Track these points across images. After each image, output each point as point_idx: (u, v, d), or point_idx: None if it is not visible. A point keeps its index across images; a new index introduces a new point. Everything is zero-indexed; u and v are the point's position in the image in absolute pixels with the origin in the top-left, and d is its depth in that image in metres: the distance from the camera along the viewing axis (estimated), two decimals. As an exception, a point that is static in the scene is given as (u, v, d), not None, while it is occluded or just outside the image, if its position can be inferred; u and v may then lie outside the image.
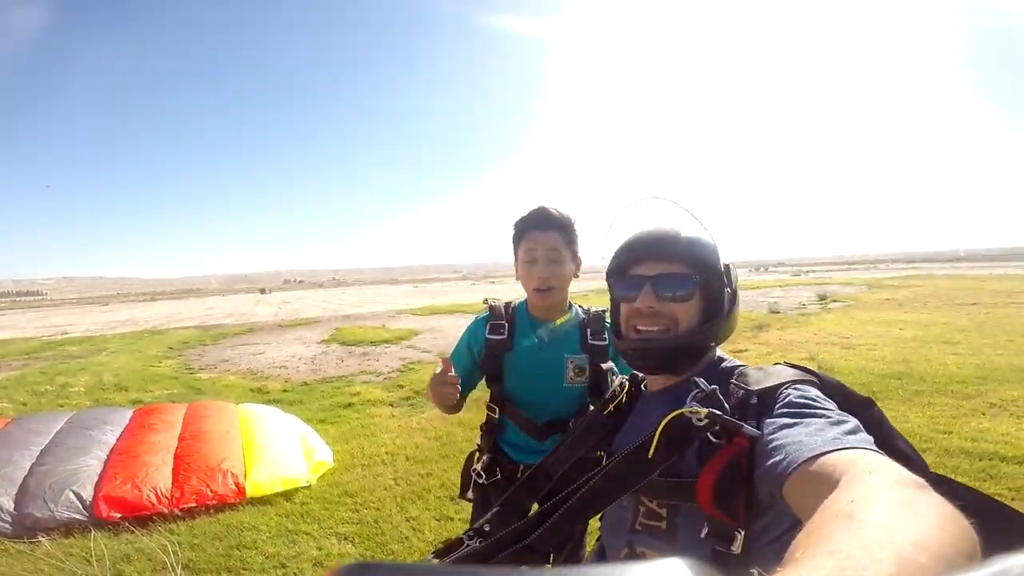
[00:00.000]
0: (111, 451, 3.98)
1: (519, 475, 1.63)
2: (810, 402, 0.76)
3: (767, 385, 0.81)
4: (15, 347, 15.32)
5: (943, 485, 0.79)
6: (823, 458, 0.61)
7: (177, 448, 4.04)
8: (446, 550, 1.11)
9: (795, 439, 0.68)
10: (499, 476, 1.68)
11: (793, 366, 0.88)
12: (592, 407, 1.59)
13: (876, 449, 0.62)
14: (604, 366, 1.61)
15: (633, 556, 0.94)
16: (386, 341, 12.19)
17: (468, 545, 1.05)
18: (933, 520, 0.39)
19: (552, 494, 1.12)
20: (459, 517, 3.18)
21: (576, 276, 1.68)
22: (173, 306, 47.08)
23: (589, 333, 1.65)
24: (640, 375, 1.09)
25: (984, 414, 4.77)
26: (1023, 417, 4.65)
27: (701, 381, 0.84)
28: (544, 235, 1.58)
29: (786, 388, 0.80)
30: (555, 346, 1.65)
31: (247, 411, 5.05)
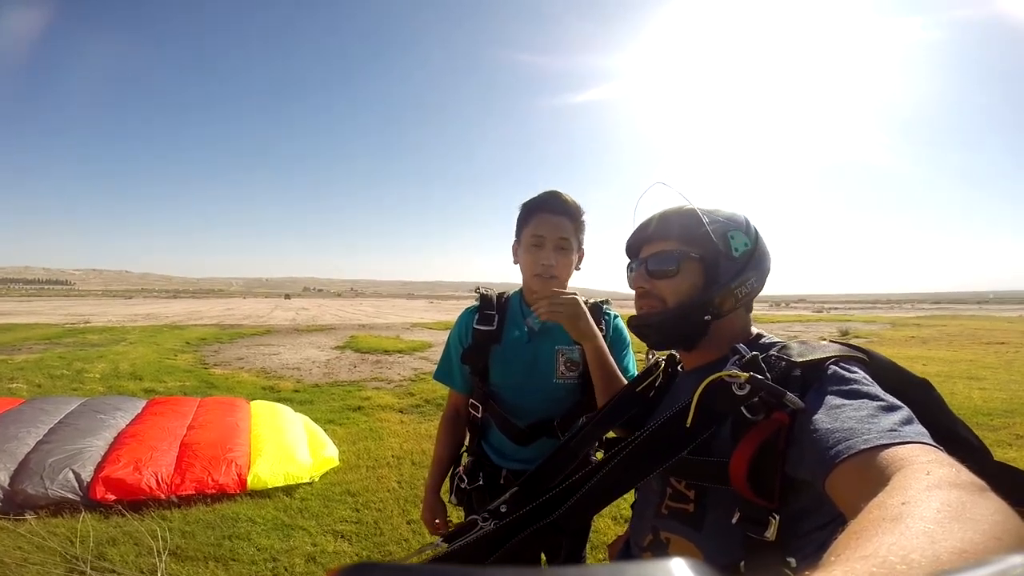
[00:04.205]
0: (119, 434, 3.98)
1: (501, 481, 1.53)
2: (860, 380, 0.70)
3: (811, 357, 0.75)
4: (38, 332, 15.62)
5: (1007, 475, 0.72)
6: (878, 452, 0.55)
7: (185, 436, 4.04)
8: (457, 532, 1.07)
9: (844, 424, 0.62)
10: (481, 481, 1.54)
11: (839, 343, 0.82)
12: (582, 406, 1.50)
13: (934, 444, 0.57)
14: None
15: (657, 543, 0.89)
16: (400, 351, 12.17)
17: (481, 527, 1.00)
18: (987, 528, 0.36)
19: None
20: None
21: (578, 268, 1.54)
22: (194, 304, 47.92)
23: None
24: (676, 355, 1.05)
25: (1010, 445, 4.75)
26: (1051, 448, 4.67)
27: (742, 347, 0.80)
28: (555, 219, 1.44)
29: (832, 363, 0.73)
30: (546, 337, 1.51)
31: (260, 406, 5.07)
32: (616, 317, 1.60)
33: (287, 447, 4.03)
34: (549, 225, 1.44)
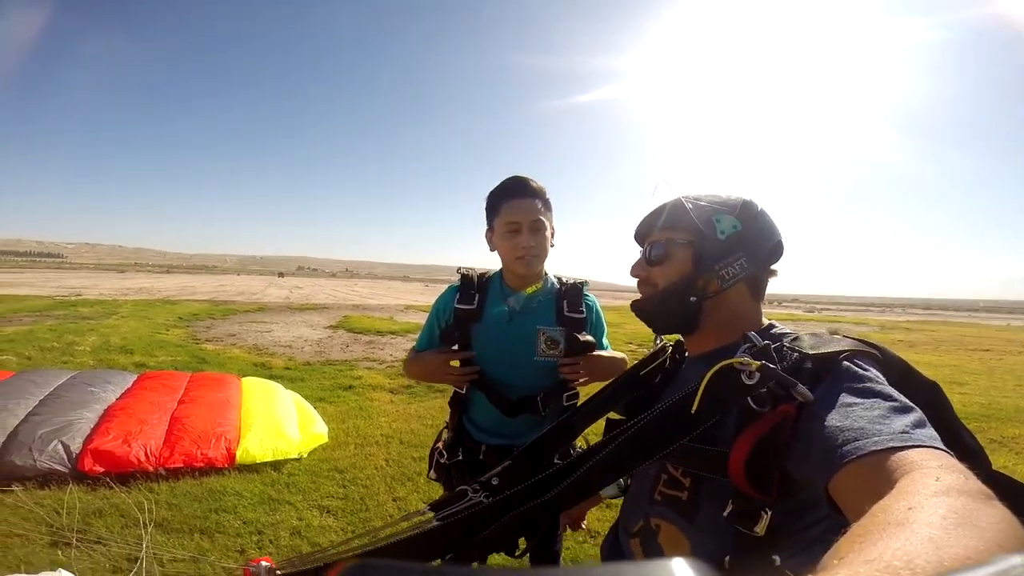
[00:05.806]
0: (109, 407, 3.98)
1: (480, 457, 1.57)
2: (873, 379, 0.68)
3: (824, 351, 0.72)
4: (29, 304, 15.49)
5: (1005, 484, 0.69)
6: (888, 455, 0.54)
7: (175, 411, 4.05)
8: (445, 502, 1.05)
9: (855, 423, 0.60)
10: (460, 457, 1.59)
11: (852, 337, 0.79)
12: (564, 384, 1.55)
13: (944, 448, 0.56)
14: (581, 338, 1.51)
15: (647, 529, 0.88)
16: (393, 332, 12.18)
17: (471, 498, 1.00)
18: (992, 536, 0.36)
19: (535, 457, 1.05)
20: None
21: (552, 245, 1.58)
22: (187, 280, 47.66)
23: (566, 305, 1.57)
24: (683, 341, 1.04)
25: (984, 448, 4.83)
26: (1022, 453, 4.83)
27: (754, 335, 0.79)
28: (525, 202, 1.49)
29: (846, 358, 0.71)
30: (526, 316, 1.55)
31: (251, 382, 5.09)
32: (595, 300, 1.66)
33: (277, 423, 4.05)
34: (522, 210, 1.49)
